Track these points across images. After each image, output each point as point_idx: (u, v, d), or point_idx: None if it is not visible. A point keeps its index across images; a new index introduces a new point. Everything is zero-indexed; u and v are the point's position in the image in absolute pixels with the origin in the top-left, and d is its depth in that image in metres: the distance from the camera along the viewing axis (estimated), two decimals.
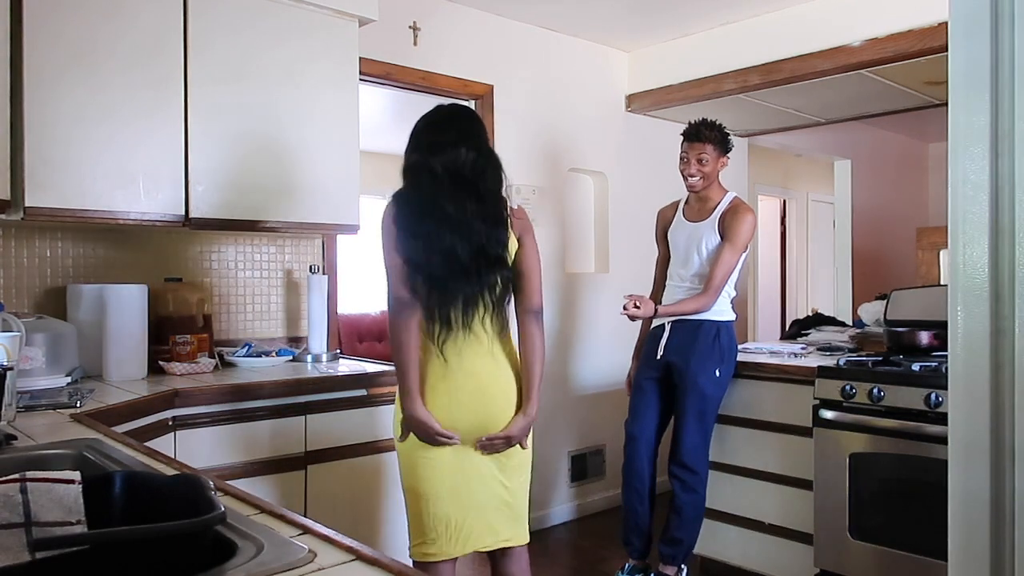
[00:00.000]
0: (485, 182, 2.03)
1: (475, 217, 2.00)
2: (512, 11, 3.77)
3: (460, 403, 2.02)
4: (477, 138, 2.07)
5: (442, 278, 1.98)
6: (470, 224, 1.99)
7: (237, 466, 2.36)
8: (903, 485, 2.65)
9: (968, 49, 1.31)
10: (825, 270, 7.13)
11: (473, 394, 2.03)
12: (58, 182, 2.32)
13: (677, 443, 2.95)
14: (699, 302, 2.91)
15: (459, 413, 2.02)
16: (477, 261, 1.99)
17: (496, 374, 2.05)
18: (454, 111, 2.13)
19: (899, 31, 3.29)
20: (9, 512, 0.92)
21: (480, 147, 2.06)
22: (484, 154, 2.06)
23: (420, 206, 2.03)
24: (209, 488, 0.98)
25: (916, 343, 2.97)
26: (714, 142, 2.97)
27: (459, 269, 1.98)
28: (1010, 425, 1.28)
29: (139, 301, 2.55)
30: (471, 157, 2.02)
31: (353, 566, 0.88)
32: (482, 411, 2.03)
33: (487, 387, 2.04)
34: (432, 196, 2.01)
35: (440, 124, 2.09)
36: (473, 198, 2.01)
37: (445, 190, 2.00)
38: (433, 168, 2.01)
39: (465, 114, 2.14)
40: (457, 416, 2.02)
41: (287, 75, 2.80)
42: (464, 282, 1.99)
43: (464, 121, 2.10)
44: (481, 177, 2.03)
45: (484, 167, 2.04)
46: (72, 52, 2.35)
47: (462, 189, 2.00)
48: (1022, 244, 1.26)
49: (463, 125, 2.08)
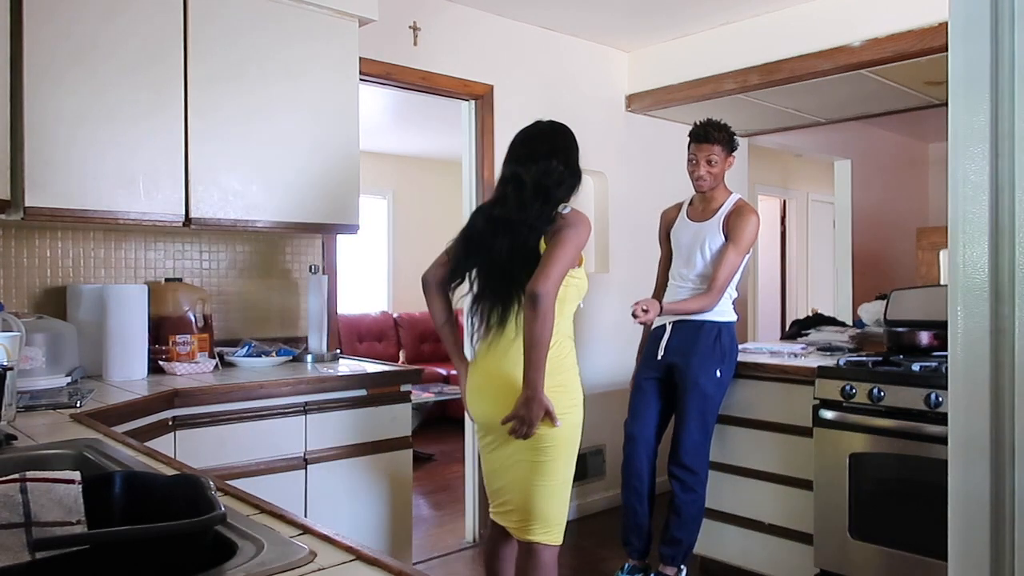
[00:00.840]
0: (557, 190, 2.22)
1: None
2: (512, 11, 3.77)
3: (474, 393, 2.33)
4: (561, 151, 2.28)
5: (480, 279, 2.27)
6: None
7: (237, 466, 2.36)
8: (903, 485, 2.65)
9: (968, 49, 1.31)
10: (825, 270, 7.12)
11: (482, 388, 2.29)
12: (58, 182, 2.32)
13: (677, 443, 2.94)
14: (702, 302, 2.91)
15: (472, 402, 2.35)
16: (512, 262, 2.18)
17: (503, 367, 2.23)
18: (542, 126, 2.36)
19: (899, 31, 3.29)
20: (9, 512, 0.92)
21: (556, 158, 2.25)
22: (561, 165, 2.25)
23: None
24: (209, 488, 0.98)
25: (916, 343, 2.97)
26: (723, 143, 2.97)
27: (496, 271, 2.22)
28: (1010, 425, 1.28)
29: (139, 301, 2.55)
30: (553, 166, 2.22)
31: (353, 566, 0.88)
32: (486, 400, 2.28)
33: (493, 381, 2.24)
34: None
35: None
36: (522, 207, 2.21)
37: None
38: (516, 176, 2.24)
39: (548, 128, 2.35)
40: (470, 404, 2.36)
41: (287, 75, 2.80)
42: (499, 282, 2.22)
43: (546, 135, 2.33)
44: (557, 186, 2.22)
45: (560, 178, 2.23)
46: (73, 52, 2.35)
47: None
48: (1022, 244, 1.26)
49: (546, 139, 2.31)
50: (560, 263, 2.10)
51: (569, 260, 2.13)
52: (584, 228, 2.18)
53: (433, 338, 7.12)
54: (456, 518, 4.05)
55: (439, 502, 4.48)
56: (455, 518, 4.07)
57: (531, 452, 2.19)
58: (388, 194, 7.33)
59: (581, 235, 2.17)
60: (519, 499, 2.24)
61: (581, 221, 2.19)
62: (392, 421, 2.75)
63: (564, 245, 2.12)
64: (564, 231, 2.15)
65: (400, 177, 7.38)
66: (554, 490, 2.21)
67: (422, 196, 7.51)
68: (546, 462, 2.19)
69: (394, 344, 6.82)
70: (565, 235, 2.14)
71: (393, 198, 7.38)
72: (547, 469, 2.20)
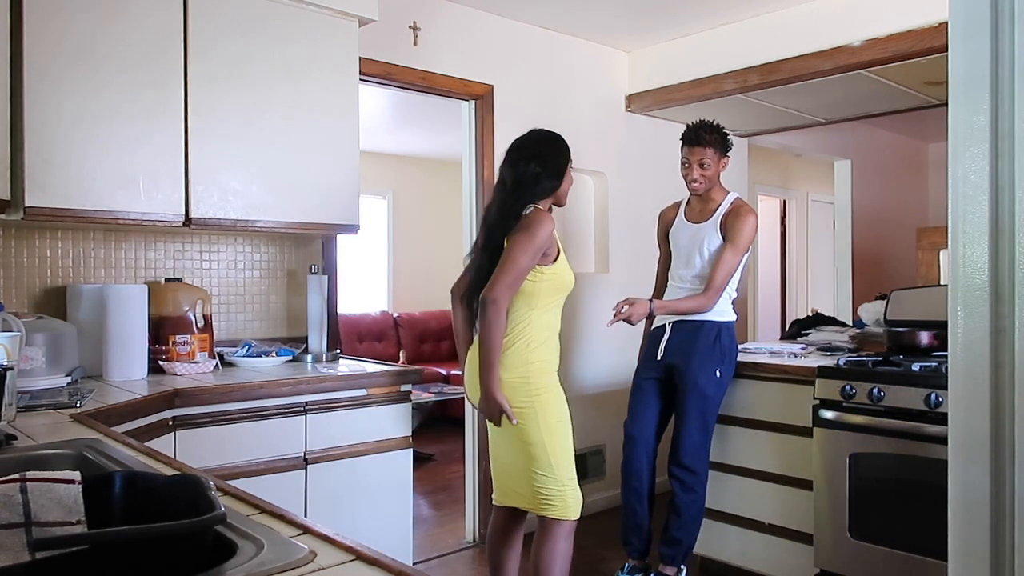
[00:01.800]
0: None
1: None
2: (512, 11, 3.77)
3: (467, 380, 2.54)
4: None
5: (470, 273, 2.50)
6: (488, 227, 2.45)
7: (237, 466, 2.36)
8: (903, 485, 2.65)
9: (968, 49, 1.32)
10: (825, 270, 7.13)
11: (470, 376, 2.49)
12: (58, 182, 2.32)
13: (677, 443, 2.94)
14: (698, 301, 2.91)
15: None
16: (491, 260, 2.38)
17: (474, 359, 2.43)
18: (532, 134, 2.55)
19: (899, 31, 3.29)
20: (9, 512, 0.92)
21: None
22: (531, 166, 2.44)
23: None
24: (209, 488, 0.98)
25: (916, 343, 2.97)
26: (715, 145, 2.96)
27: (483, 268, 2.41)
28: (1010, 425, 1.28)
29: (139, 301, 2.55)
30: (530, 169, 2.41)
31: (353, 566, 0.88)
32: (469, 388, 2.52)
33: (475, 369, 2.42)
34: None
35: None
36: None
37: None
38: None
39: (536, 136, 2.53)
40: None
41: (287, 75, 2.80)
42: (475, 274, 2.45)
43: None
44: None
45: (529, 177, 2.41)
46: (73, 52, 2.35)
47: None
48: (1022, 244, 1.26)
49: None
50: (508, 270, 2.30)
51: (519, 264, 2.30)
52: (537, 227, 2.32)
53: (433, 338, 7.13)
54: (456, 518, 4.04)
55: (439, 502, 4.48)
56: (455, 518, 4.07)
57: (515, 439, 2.40)
58: (388, 194, 7.33)
59: (534, 236, 2.31)
60: (513, 479, 2.46)
61: (535, 221, 2.34)
62: (392, 421, 2.76)
63: (512, 250, 2.31)
64: (516, 235, 2.34)
65: (400, 177, 7.38)
66: (543, 472, 2.38)
67: (422, 196, 7.51)
68: (528, 447, 2.38)
69: (394, 344, 6.82)
70: (515, 240, 2.32)
71: (393, 198, 7.38)
72: (531, 453, 2.38)
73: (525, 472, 2.40)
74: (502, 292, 2.29)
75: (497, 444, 2.49)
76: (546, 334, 2.44)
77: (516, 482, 2.45)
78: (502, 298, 2.29)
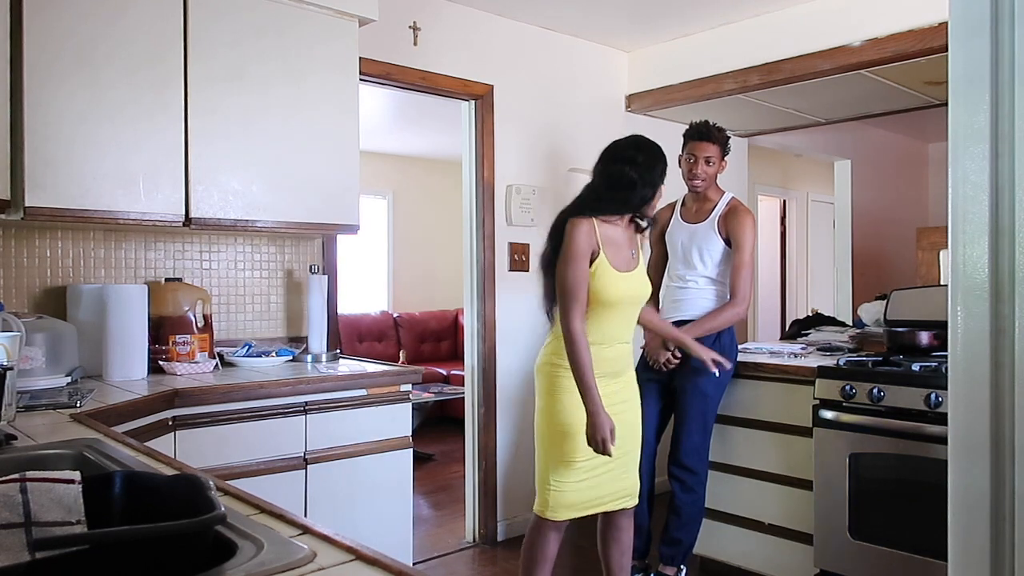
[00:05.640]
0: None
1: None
2: (512, 11, 3.77)
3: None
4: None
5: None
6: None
7: (237, 466, 2.36)
8: (903, 485, 2.65)
9: (968, 49, 1.32)
10: (825, 270, 7.12)
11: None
12: (58, 182, 2.32)
13: (677, 444, 2.94)
14: (729, 314, 2.90)
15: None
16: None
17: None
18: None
19: (899, 31, 3.29)
20: (9, 512, 0.92)
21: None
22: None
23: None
24: (209, 488, 0.98)
25: (916, 343, 2.97)
26: (721, 144, 2.97)
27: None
28: (1010, 425, 1.28)
29: (139, 301, 2.55)
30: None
31: (353, 566, 0.88)
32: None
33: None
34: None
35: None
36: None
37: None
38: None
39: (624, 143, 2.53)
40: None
41: (287, 75, 2.80)
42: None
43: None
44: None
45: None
46: (73, 53, 2.35)
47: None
48: (1022, 244, 1.26)
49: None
50: (560, 294, 2.35)
51: (565, 282, 2.32)
52: (569, 239, 2.35)
53: (433, 338, 7.13)
54: (456, 518, 4.04)
55: (439, 502, 4.48)
56: (455, 518, 4.07)
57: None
58: (388, 194, 7.33)
59: (566, 248, 2.35)
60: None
61: (567, 232, 2.36)
62: (392, 421, 2.75)
63: (558, 268, 2.36)
64: (561, 253, 2.37)
65: (400, 177, 7.38)
66: (537, 462, 2.49)
67: (422, 196, 7.51)
68: (536, 431, 2.50)
69: (394, 344, 6.82)
70: (559, 257, 2.37)
71: (393, 198, 7.38)
72: (536, 439, 2.51)
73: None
74: (567, 318, 2.31)
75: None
76: (576, 347, 2.35)
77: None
78: (571, 322, 2.30)
